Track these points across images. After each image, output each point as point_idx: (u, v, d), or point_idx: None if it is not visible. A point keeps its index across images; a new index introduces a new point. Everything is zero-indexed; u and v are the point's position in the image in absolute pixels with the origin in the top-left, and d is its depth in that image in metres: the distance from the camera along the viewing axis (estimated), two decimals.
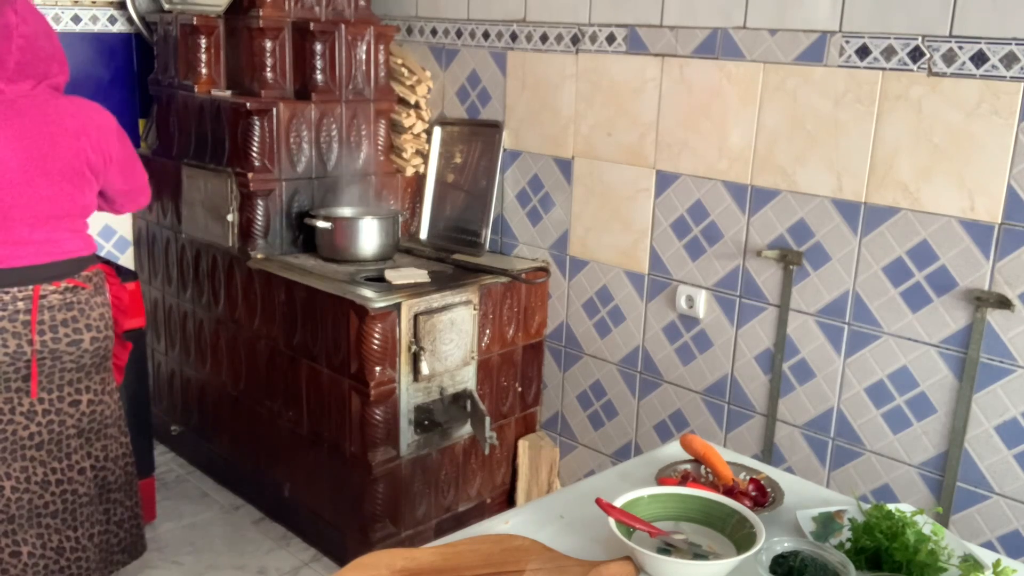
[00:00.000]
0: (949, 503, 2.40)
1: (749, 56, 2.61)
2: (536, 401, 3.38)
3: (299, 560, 3.12)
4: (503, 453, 3.31)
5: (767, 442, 2.75)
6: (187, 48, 3.31)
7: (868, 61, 2.39)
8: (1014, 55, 2.15)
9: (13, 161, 2.27)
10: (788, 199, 2.60)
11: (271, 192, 3.12)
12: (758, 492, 1.74)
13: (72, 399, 2.47)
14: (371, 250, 3.17)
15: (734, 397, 2.83)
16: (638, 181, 2.94)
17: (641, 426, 3.10)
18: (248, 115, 3.05)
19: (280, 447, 3.23)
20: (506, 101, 3.29)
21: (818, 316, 2.59)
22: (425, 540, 2.77)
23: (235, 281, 3.24)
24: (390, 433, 2.90)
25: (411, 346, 2.85)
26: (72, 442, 2.49)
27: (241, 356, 3.32)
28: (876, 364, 2.50)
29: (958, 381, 2.36)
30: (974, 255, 2.28)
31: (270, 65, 3.16)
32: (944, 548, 1.49)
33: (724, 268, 2.78)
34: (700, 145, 2.77)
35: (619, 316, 3.08)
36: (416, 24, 3.55)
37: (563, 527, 1.63)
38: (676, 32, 2.77)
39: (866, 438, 2.55)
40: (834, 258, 2.53)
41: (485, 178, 3.32)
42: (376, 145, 3.38)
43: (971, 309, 2.31)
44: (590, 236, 3.12)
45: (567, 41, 3.06)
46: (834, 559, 1.41)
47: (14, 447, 2.40)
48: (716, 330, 2.83)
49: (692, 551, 1.50)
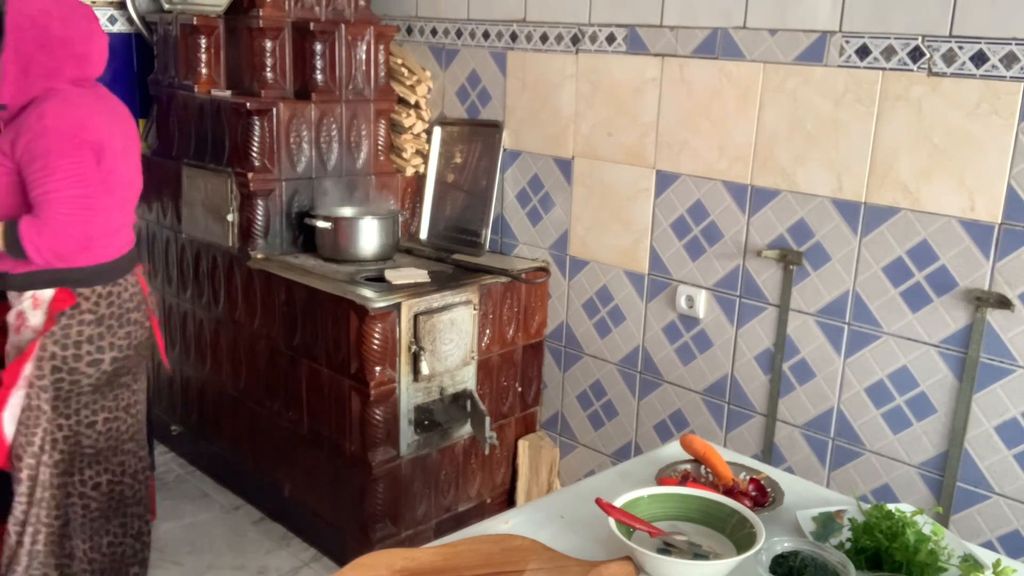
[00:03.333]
0: (949, 503, 2.40)
1: (749, 56, 2.61)
2: (536, 401, 3.38)
3: (299, 560, 3.12)
4: (503, 453, 3.31)
5: (767, 442, 2.75)
6: (187, 48, 3.31)
7: (868, 61, 2.39)
8: (1014, 55, 2.15)
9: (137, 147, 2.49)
10: (788, 199, 2.60)
11: (271, 192, 3.12)
12: (758, 492, 1.74)
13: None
14: (371, 250, 3.17)
15: (734, 397, 2.83)
16: (638, 181, 2.94)
17: (641, 426, 3.10)
18: (248, 115, 3.05)
19: (280, 447, 3.23)
20: (506, 101, 3.29)
21: (818, 316, 2.59)
22: (425, 540, 2.77)
23: (235, 281, 3.24)
24: (390, 433, 2.90)
25: (411, 346, 2.85)
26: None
27: (241, 356, 3.31)
28: (876, 364, 2.50)
29: (958, 381, 2.36)
30: (974, 255, 2.28)
31: (270, 65, 3.16)
32: (944, 548, 1.49)
33: (724, 268, 2.78)
34: (700, 145, 2.77)
35: (619, 316, 3.08)
36: (416, 24, 3.55)
37: (563, 527, 1.63)
38: (676, 32, 2.77)
39: (866, 438, 2.55)
40: (834, 258, 2.53)
41: (485, 178, 3.32)
42: (376, 145, 3.37)
43: (971, 309, 2.31)
44: (590, 236, 3.12)
45: (567, 41, 3.06)
46: (834, 559, 1.41)
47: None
48: (716, 330, 2.83)
49: (692, 551, 1.50)
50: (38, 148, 2.21)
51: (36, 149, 2.21)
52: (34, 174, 2.21)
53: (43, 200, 2.22)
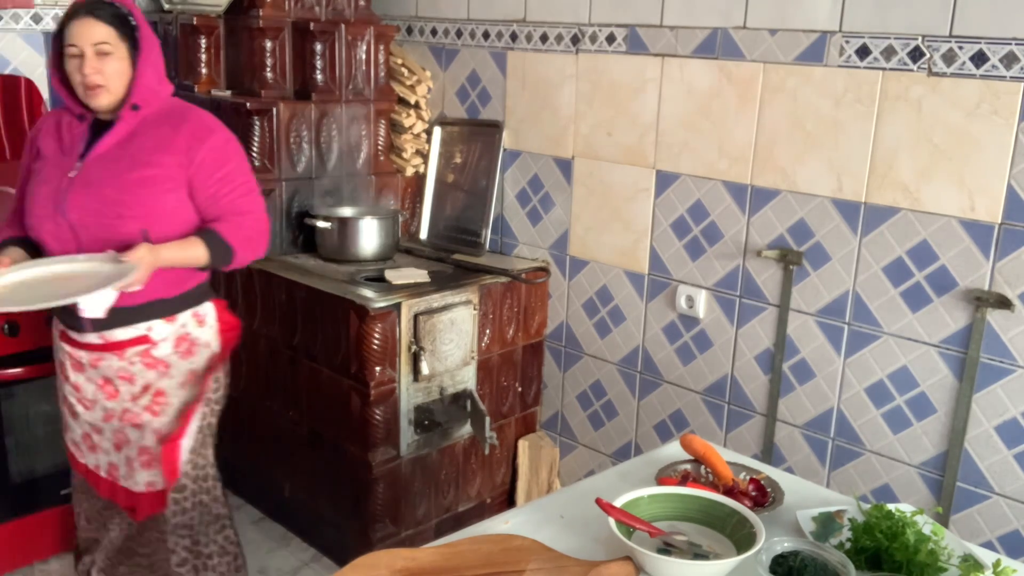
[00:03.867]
0: (949, 503, 2.40)
1: (749, 56, 2.61)
2: (536, 401, 3.38)
3: (299, 560, 3.12)
4: (503, 453, 3.31)
5: (767, 442, 2.75)
6: (187, 48, 3.31)
7: (868, 61, 2.39)
8: (1014, 55, 2.15)
9: None
10: (788, 199, 2.60)
11: (271, 192, 3.12)
12: (758, 492, 1.74)
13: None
14: (371, 250, 3.17)
15: (734, 397, 2.83)
16: (638, 181, 2.94)
17: (641, 426, 3.10)
18: (248, 115, 3.05)
19: (280, 447, 3.23)
20: (506, 101, 3.29)
21: (818, 316, 2.59)
22: (425, 540, 2.77)
23: (235, 281, 3.24)
24: (390, 433, 2.90)
25: (411, 346, 2.85)
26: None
27: (241, 356, 3.31)
28: (876, 364, 2.50)
29: (958, 381, 2.36)
30: (974, 255, 2.28)
31: (270, 65, 3.16)
32: (944, 548, 1.49)
33: (724, 268, 2.78)
34: (700, 145, 2.77)
35: (619, 316, 3.08)
36: (416, 24, 3.55)
37: (563, 527, 1.63)
38: (676, 32, 2.77)
39: (866, 438, 2.55)
40: (834, 258, 2.53)
41: (485, 178, 3.32)
42: (376, 145, 3.37)
43: (971, 309, 2.31)
44: (590, 236, 3.12)
45: (567, 41, 3.06)
46: (834, 559, 1.41)
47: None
48: (716, 330, 2.83)
49: (692, 551, 1.50)
50: (225, 153, 2.22)
51: (223, 154, 2.21)
52: (226, 176, 2.21)
53: (241, 200, 2.23)
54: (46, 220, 2.16)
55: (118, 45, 2.11)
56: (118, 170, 2.14)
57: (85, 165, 2.16)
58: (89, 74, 2.08)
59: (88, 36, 2.08)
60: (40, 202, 2.17)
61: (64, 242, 2.16)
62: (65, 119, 2.23)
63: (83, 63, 2.08)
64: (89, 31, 2.08)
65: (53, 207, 2.15)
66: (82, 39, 2.08)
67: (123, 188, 2.13)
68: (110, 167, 2.15)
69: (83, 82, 2.09)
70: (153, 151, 2.16)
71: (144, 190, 2.14)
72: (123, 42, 2.12)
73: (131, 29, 2.13)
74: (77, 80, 2.11)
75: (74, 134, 2.21)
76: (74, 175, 2.15)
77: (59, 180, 2.16)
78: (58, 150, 2.21)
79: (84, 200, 2.13)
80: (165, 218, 2.16)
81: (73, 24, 2.09)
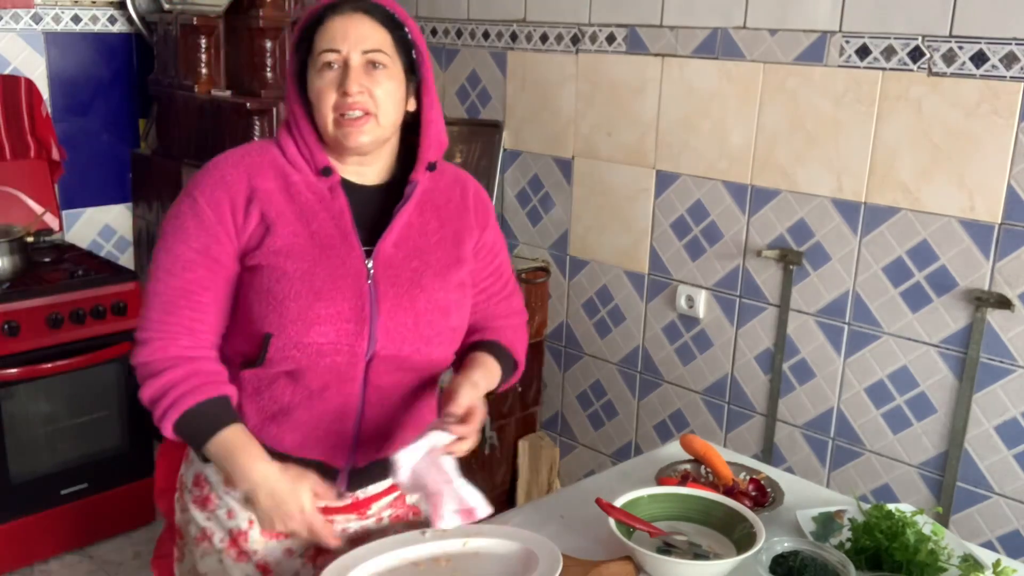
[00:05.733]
0: (949, 503, 2.40)
1: (749, 56, 2.61)
2: (536, 401, 3.38)
3: None
4: (503, 453, 3.31)
5: (767, 442, 2.75)
6: (187, 48, 3.31)
7: (868, 61, 2.39)
8: (1014, 55, 2.15)
9: None
10: (788, 199, 2.60)
11: None
12: (758, 492, 1.74)
13: None
14: None
15: (734, 397, 2.83)
16: (638, 181, 2.94)
17: (641, 426, 3.10)
18: (248, 115, 3.05)
19: None
20: (506, 101, 3.29)
21: (818, 316, 2.59)
22: None
23: None
24: None
25: None
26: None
27: None
28: (876, 364, 2.50)
29: (958, 381, 2.36)
30: (974, 255, 2.28)
31: (270, 65, 3.16)
32: (944, 548, 1.49)
33: (724, 268, 2.78)
34: (700, 145, 2.77)
35: (619, 316, 3.08)
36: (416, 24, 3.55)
37: (563, 527, 1.63)
38: (676, 32, 2.77)
39: (866, 438, 2.55)
40: (834, 258, 2.53)
41: (485, 178, 3.32)
42: None
43: (971, 309, 2.31)
44: (590, 236, 3.12)
45: (567, 41, 3.06)
46: (834, 559, 1.41)
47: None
48: (716, 330, 2.83)
49: (692, 551, 1.50)
50: (497, 230, 1.68)
51: (499, 233, 1.69)
52: (501, 265, 1.67)
53: (516, 298, 1.70)
54: (330, 353, 1.40)
55: (394, 59, 1.45)
56: (424, 266, 1.47)
57: (380, 257, 1.44)
58: (354, 93, 1.40)
59: (357, 39, 1.42)
60: (315, 320, 1.39)
61: (347, 395, 1.46)
62: (294, 177, 1.47)
63: (346, 77, 1.40)
64: (358, 31, 1.42)
65: (353, 330, 1.41)
66: (347, 42, 1.41)
67: (435, 295, 1.47)
68: (412, 261, 1.47)
69: (341, 105, 1.41)
70: (457, 235, 1.54)
71: (462, 295, 1.52)
72: (399, 57, 1.46)
73: (408, 45, 1.48)
74: (329, 103, 1.42)
75: (327, 202, 1.45)
76: (373, 273, 1.43)
77: (346, 281, 1.41)
78: (305, 230, 1.42)
79: (395, 317, 1.44)
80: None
81: (335, 20, 1.43)
